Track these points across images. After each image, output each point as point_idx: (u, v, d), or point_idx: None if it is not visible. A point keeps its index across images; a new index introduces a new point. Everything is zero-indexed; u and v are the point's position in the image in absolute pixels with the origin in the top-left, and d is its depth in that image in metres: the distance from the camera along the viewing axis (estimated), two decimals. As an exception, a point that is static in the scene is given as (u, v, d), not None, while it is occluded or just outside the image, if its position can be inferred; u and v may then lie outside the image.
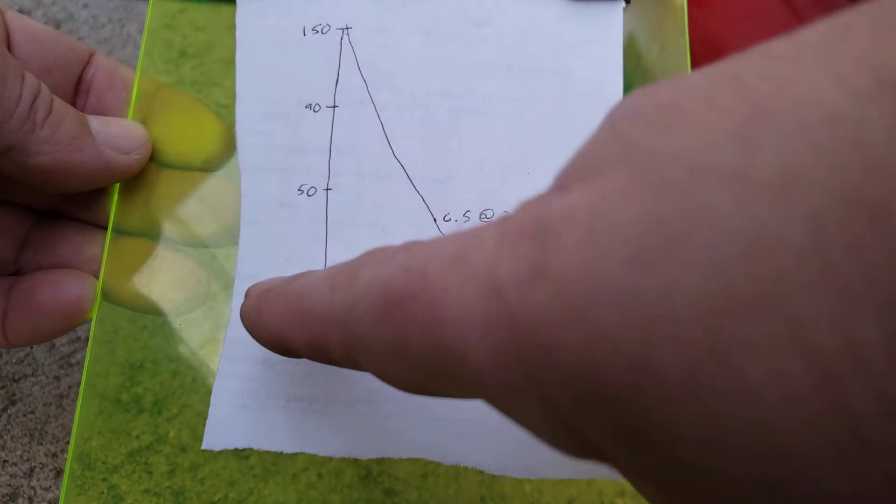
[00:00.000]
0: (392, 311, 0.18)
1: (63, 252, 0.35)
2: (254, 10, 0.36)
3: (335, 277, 0.22)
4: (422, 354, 0.18)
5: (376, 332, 0.19)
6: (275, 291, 0.26)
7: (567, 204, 0.15)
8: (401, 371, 0.20)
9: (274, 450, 0.32)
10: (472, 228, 0.18)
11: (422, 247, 0.19)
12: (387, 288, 0.19)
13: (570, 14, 0.36)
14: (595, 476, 0.32)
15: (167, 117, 0.35)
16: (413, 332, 0.18)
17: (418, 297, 0.18)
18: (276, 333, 0.25)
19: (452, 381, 0.18)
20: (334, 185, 0.34)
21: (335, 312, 0.21)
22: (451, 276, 0.17)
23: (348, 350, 0.21)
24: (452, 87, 0.35)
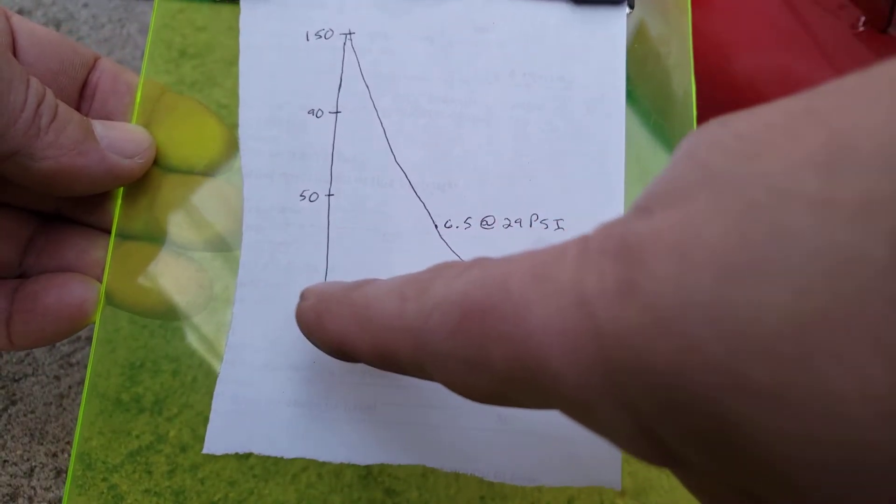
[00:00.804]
0: (470, 323, 0.20)
1: (67, 255, 0.35)
2: (257, 15, 0.36)
3: (404, 289, 0.23)
4: (502, 364, 0.19)
5: (452, 342, 0.20)
6: (335, 297, 0.27)
7: (652, 226, 0.17)
8: (476, 380, 0.20)
9: (274, 455, 0.32)
10: (548, 247, 0.19)
11: (497, 263, 0.20)
12: (464, 300, 0.20)
13: (573, 19, 0.36)
14: (594, 483, 0.32)
15: (171, 122, 0.35)
16: (493, 343, 0.19)
17: (500, 309, 0.19)
18: (339, 338, 0.26)
19: (531, 390, 0.19)
20: (336, 190, 0.34)
21: (407, 322, 0.22)
22: (533, 290, 0.18)
23: (419, 359, 0.22)
24: (455, 93, 0.35)
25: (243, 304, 0.33)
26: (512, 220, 0.34)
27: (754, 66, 0.50)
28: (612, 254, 0.17)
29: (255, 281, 0.33)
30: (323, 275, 0.33)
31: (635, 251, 0.16)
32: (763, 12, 0.50)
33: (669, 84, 0.36)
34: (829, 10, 0.47)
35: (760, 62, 0.49)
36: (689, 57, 0.36)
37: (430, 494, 0.32)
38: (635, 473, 0.32)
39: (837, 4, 0.47)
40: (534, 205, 0.34)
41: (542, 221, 0.34)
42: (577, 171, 0.34)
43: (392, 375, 0.32)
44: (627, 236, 0.17)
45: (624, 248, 0.17)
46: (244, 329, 0.33)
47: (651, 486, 0.32)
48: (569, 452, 0.32)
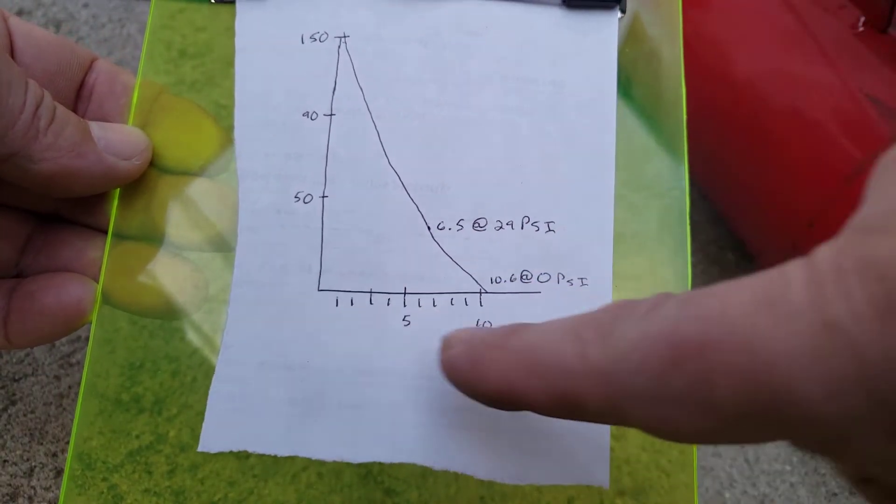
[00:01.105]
0: (685, 359, 0.19)
1: (64, 255, 0.35)
2: (253, 18, 0.36)
3: (580, 331, 0.23)
4: (729, 398, 0.19)
5: (659, 381, 0.20)
6: (490, 343, 0.26)
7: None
8: (690, 419, 0.20)
9: (269, 453, 0.32)
10: (753, 276, 0.19)
11: (699, 296, 0.20)
12: (673, 337, 0.20)
13: (564, 24, 0.36)
14: (582, 482, 0.32)
15: (167, 123, 0.35)
16: (719, 377, 0.19)
17: (724, 342, 0.18)
18: (502, 387, 0.25)
19: (766, 422, 0.19)
20: (330, 192, 0.34)
21: (593, 365, 0.22)
22: (762, 320, 0.18)
23: (614, 403, 0.21)
24: (448, 96, 0.35)
25: (238, 304, 0.34)
26: (504, 221, 0.34)
27: (754, 66, 0.50)
28: (857, 274, 0.17)
29: (251, 281, 0.34)
30: (317, 275, 0.34)
31: (889, 269, 0.16)
32: (763, 12, 0.50)
33: (660, 87, 0.36)
34: (829, 10, 0.47)
35: (760, 62, 0.49)
36: (680, 60, 0.36)
37: (429, 494, 0.32)
38: (635, 473, 0.33)
39: (837, 4, 0.47)
40: (525, 207, 0.34)
41: (534, 224, 0.34)
42: (568, 174, 0.35)
43: (385, 375, 0.33)
44: (871, 256, 0.17)
45: (871, 267, 0.17)
46: (239, 328, 0.33)
47: (651, 486, 0.33)
48: (558, 452, 0.32)
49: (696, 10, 0.54)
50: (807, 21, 0.47)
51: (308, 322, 0.33)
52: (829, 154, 0.44)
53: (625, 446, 0.33)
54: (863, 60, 0.44)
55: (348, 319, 0.33)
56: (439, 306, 0.33)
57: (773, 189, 0.49)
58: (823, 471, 0.47)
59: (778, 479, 0.46)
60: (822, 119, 0.45)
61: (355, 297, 0.33)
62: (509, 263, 0.34)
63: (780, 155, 0.48)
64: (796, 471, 0.47)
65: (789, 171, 0.47)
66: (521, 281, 0.34)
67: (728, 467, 0.46)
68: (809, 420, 0.18)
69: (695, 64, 0.53)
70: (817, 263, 0.18)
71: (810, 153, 0.45)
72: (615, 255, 0.34)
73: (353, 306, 0.33)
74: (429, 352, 0.33)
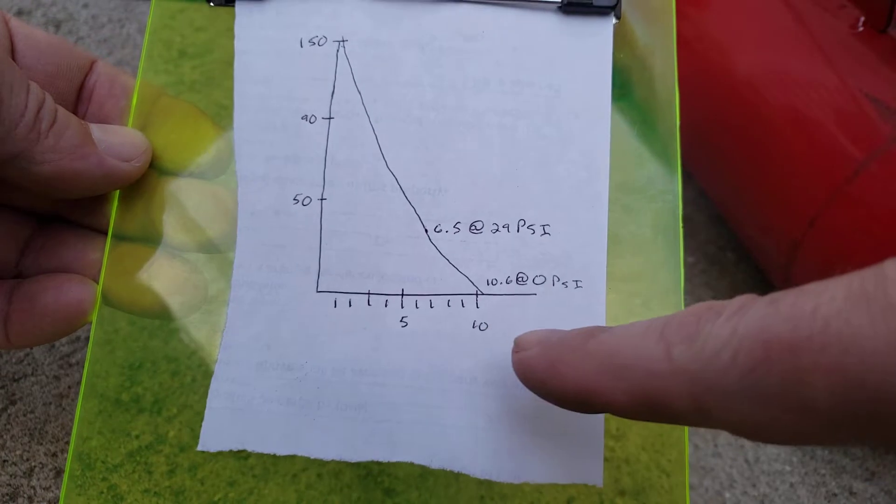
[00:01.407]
0: (776, 359, 0.19)
1: (64, 256, 0.35)
2: (252, 22, 0.36)
3: (664, 332, 0.23)
4: (825, 397, 0.18)
5: (752, 381, 0.20)
6: (568, 346, 0.26)
7: None
8: (783, 418, 0.20)
9: (268, 452, 0.32)
10: (851, 276, 0.19)
11: (788, 298, 0.20)
12: (764, 336, 0.20)
13: (561, 29, 0.36)
14: (576, 481, 0.32)
15: (167, 125, 0.36)
16: (814, 377, 0.18)
17: (817, 340, 0.18)
18: (582, 388, 0.25)
19: (862, 422, 0.19)
20: (329, 194, 0.34)
21: (681, 366, 0.22)
22: (858, 317, 0.18)
23: (702, 402, 0.21)
24: (445, 100, 0.35)
25: (237, 305, 0.34)
26: (500, 224, 0.34)
27: (754, 66, 0.50)
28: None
29: (250, 282, 0.34)
30: (315, 276, 0.34)
31: None
32: (763, 12, 0.50)
33: (654, 91, 0.36)
34: (829, 10, 0.47)
35: (760, 62, 0.49)
36: (674, 65, 0.36)
37: (429, 494, 0.32)
38: (635, 473, 0.33)
39: (837, 4, 0.47)
40: (521, 210, 0.34)
41: (530, 227, 0.34)
42: (564, 178, 0.35)
43: (382, 375, 0.33)
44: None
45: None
46: (238, 329, 0.34)
47: (651, 485, 0.33)
48: (552, 451, 0.33)
49: (696, 10, 0.54)
50: (807, 21, 0.47)
51: (307, 323, 0.33)
52: (829, 154, 0.44)
53: (625, 446, 0.33)
54: (863, 60, 0.44)
55: (346, 320, 0.33)
56: (436, 307, 0.34)
57: (773, 189, 0.49)
58: (823, 471, 0.47)
59: (778, 479, 0.46)
60: (822, 119, 0.45)
61: (353, 298, 0.34)
62: (505, 266, 0.34)
63: (780, 155, 0.48)
64: (796, 471, 0.47)
65: (789, 171, 0.47)
66: (516, 283, 0.34)
67: (728, 467, 0.46)
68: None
69: (695, 64, 0.53)
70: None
71: (810, 153, 0.45)
72: (609, 257, 0.34)
73: (352, 307, 0.34)
74: (426, 352, 0.33)
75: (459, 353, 0.33)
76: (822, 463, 0.47)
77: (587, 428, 0.33)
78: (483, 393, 0.33)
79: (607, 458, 0.33)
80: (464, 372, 0.33)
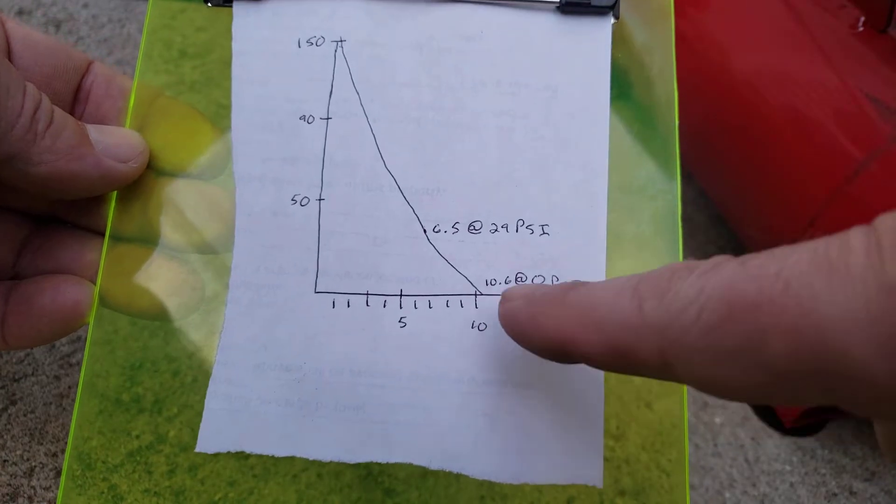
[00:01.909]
0: (740, 316, 0.20)
1: (61, 257, 0.35)
2: (250, 22, 0.36)
3: (639, 288, 0.24)
4: (781, 356, 0.19)
5: (713, 338, 0.21)
6: (549, 299, 0.28)
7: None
8: (741, 375, 0.21)
9: (265, 453, 0.32)
10: (815, 241, 0.20)
11: (757, 258, 0.21)
12: (729, 294, 0.20)
13: (559, 29, 0.36)
14: (576, 481, 0.32)
15: (164, 126, 0.36)
16: (771, 336, 0.19)
17: (778, 301, 0.19)
18: (558, 338, 0.26)
19: (814, 383, 0.19)
20: (327, 195, 0.34)
21: (650, 320, 0.23)
22: (819, 281, 0.19)
23: (667, 356, 0.22)
24: (443, 100, 0.35)
25: (235, 306, 0.34)
26: (499, 224, 0.34)
27: (754, 66, 0.50)
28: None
29: (248, 283, 0.34)
30: (314, 277, 0.34)
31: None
32: (763, 12, 0.50)
33: (653, 92, 0.36)
34: (829, 10, 0.47)
35: (760, 62, 0.49)
36: (673, 65, 0.36)
37: (429, 494, 0.32)
38: (635, 473, 0.33)
39: (837, 4, 0.46)
40: (520, 210, 0.34)
41: (528, 227, 0.34)
42: (562, 178, 0.35)
43: (381, 376, 0.33)
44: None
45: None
46: (236, 330, 0.34)
47: (651, 485, 0.33)
48: (551, 451, 0.32)
49: (696, 9, 0.54)
50: (807, 21, 0.47)
51: (305, 324, 0.33)
52: (829, 154, 0.44)
53: (625, 446, 0.33)
54: (863, 60, 0.44)
55: (345, 321, 0.33)
56: (435, 308, 0.34)
57: (773, 189, 0.49)
58: (824, 471, 0.47)
59: (778, 479, 0.46)
60: (822, 119, 0.45)
61: (352, 298, 0.34)
62: (504, 266, 0.34)
63: (780, 155, 0.48)
64: (796, 471, 0.47)
65: (789, 171, 0.47)
66: (515, 283, 0.34)
67: (728, 467, 0.46)
68: (860, 381, 0.18)
69: (695, 64, 0.53)
70: (879, 231, 0.19)
71: (810, 153, 0.45)
72: (608, 257, 0.34)
73: (350, 308, 0.34)
74: (424, 353, 0.33)
75: (458, 353, 0.33)
76: (822, 463, 0.47)
77: (587, 428, 0.33)
78: (482, 393, 0.33)
79: (607, 458, 0.33)
80: (462, 373, 0.33)
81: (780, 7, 0.49)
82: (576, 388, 0.33)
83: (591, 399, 0.33)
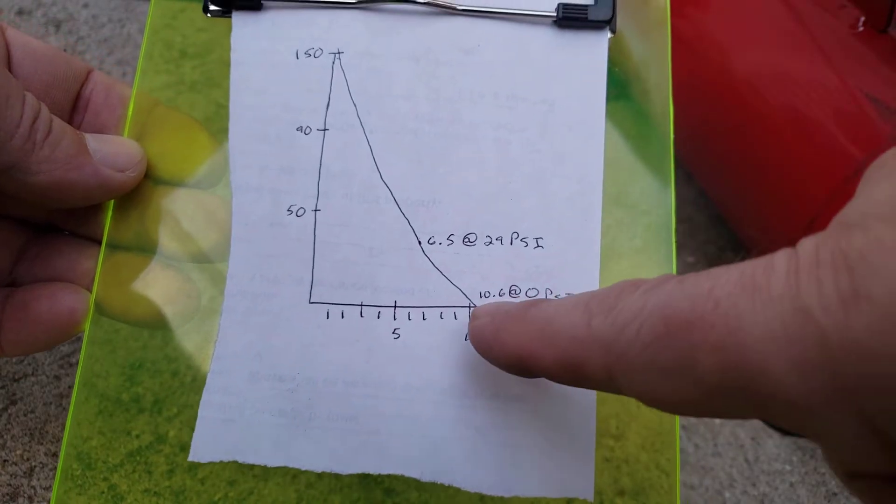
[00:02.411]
0: (674, 333, 0.21)
1: (58, 265, 0.35)
2: (248, 33, 0.36)
3: (590, 304, 0.24)
4: (710, 372, 0.20)
5: (651, 353, 0.21)
6: (511, 315, 0.28)
7: (872, 238, 0.18)
8: (675, 390, 0.21)
9: (258, 463, 0.32)
10: (747, 262, 0.20)
11: (694, 278, 0.21)
12: (665, 311, 0.21)
13: (556, 43, 0.36)
14: (567, 494, 0.32)
15: (162, 135, 0.36)
16: (701, 352, 0.20)
17: (708, 319, 0.20)
18: (519, 353, 0.27)
19: (740, 398, 0.20)
20: (323, 206, 0.34)
21: (597, 335, 0.23)
22: (744, 301, 0.19)
23: (610, 370, 0.23)
24: (440, 112, 0.35)
25: (231, 315, 0.34)
26: (493, 237, 0.34)
27: (754, 66, 0.50)
28: (829, 265, 0.18)
29: (243, 292, 0.34)
30: (308, 287, 0.34)
31: (857, 262, 0.17)
32: (763, 12, 0.50)
33: (648, 106, 0.36)
34: (829, 10, 0.47)
35: (760, 62, 0.49)
36: (668, 78, 0.36)
37: (429, 494, 0.32)
38: (635, 473, 0.33)
39: (837, 4, 0.46)
40: (515, 223, 0.35)
41: (523, 239, 0.34)
42: (557, 191, 0.35)
43: (374, 387, 0.33)
44: (845, 248, 0.18)
45: (843, 259, 0.18)
46: (231, 339, 0.34)
47: (651, 485, 0.33)
48: (543, 464, 0.33)
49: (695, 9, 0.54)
50: (807, 21, 0.47)
51: (299, 334, 0.34)
52: (829, 154, 0.44)
53: (625, 446, 0.33)
54: (863, 60, 0.44)
55: (339, 332, 0.34)
56: (429, 320, 0.34)
57: (773, 189, 0.49)
58: (823, 470, 0.47)
59: (778, 479, 0.46)
60: (822, 119, 0.45)
61: (346, 309, 0.34)
62: (498, 278, 0.34)
63: (780, 155, 0.47)
64: (796, 471, 0.47)
65: (789, 171, 0.47)
66: (509, 295, 0.34)
67: (728, 467, 0.46)
68: (779, 399, 0.19)
69: (695, 64, 0.53)
70: (800, 254, 0.19)
71: (810, 153, 0.45)
72: (602, 270, 0.34)
73: (344, 319, 0.34)
74: (418, 364, 0.33)
75: (451, 365, 0.33)
76: (822, 462, 0.47)
77: (578, 442, 0.33)
78: (474, 406, 0.33)
79: (607, 458, 0.33)
80: (455, 384, 0.33)
81: (780, 7, 0.48)
82: (567, 401, 0.33)
83: (582, 413, 0.33)
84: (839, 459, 0.21)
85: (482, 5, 0.36)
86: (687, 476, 0.46)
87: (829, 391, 0.18)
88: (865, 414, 0.18)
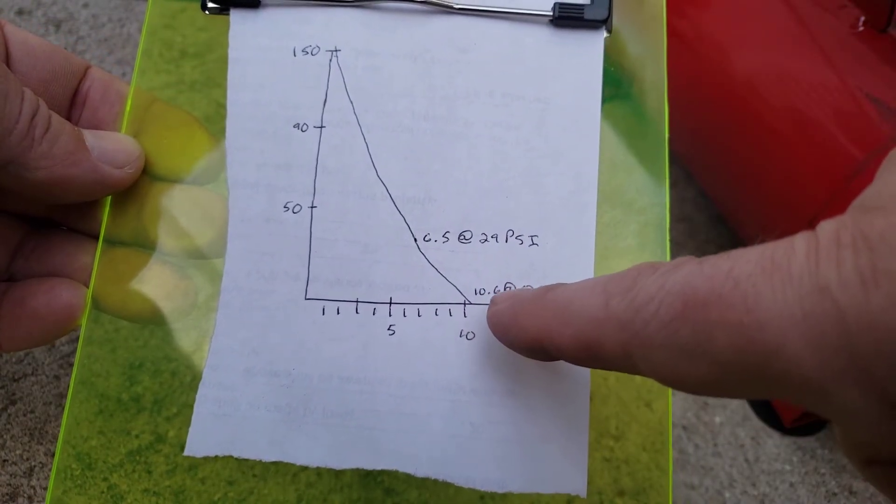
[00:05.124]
0: (692, 312, 0.21)
1: (55, 260, 0.35)
2: (247, 30, 0.36)
3: (607, 286, 0.25)
4: (727, 351, 0.20)
5: (668, 332, 0.22)
6: (529, 299, 0.29)
7: (893, 220, 0.18)
8: (692, 368, 0.22)
9: (253, 458, 0.32)
10: (767, 244, 0.21)
11: (713, 259, 0.22)
12: (685, 290, 0.21)
13: (552, 42, 0.36)
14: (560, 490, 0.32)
15: (159, 131, 0.36)
16: (719, 331, 0.20)
17: (726, 298, 0.20)
18: (538, 335, 0.28)
19: (756, 377, 0.20)
20: (319, 202, 0.35)
21: (615, 315, 0.24)
22: (763, 281, 0.19)
23: (628, 349, 0.23)
24: (436, 110, 0.35)
25: (227, 311, 0.34)
26: (489, 234, 0.34)
27: (754, 66, 0.50)
28: (850, 246, 0.18)
29: (239, 288, 0.34)
30: (304, 284, 0.34)
31: (878, 243, 0.18)
32: (763, 12, 0.50)
33: (644, 105, 0.36)
34: (829, 10, 0.47)
35: (760, 62, 0.49)
36: (664, 78, 0.36)
37: (429, 494, 0.33)
38: (635, 473, 0.33)
39: (837, 4, 0.46)
40: (510, 221, 0.35)
41: (518, 237, 0.34)
42: (552, 190, 0.35)
43: (369, 383, 0.33)
44: (866, 230, 0.18)
45: (863, 240, 0.18)
46: (227, 335, 0.34)
47: (651, 485, 0.33)
48: (537, 460, 0.33)
49: (695, 10, 0.54)
50: (807, 21, 0.47)
51: (295, 330, 0.34)
52: (829, 154, 0.44)
53: (625, 446, 0.33)
54: (863, 60, 0.44)
55: (334, 328, 0.34)
56: (424, 316, 0.34)
57: (773, 189, 0.49)
58: (823, 470, 0.47)
59: (778, 479, 0.46)
60: (822, 119, 0.45)
61: (342, 305, 0.34)
62: (493, 276, 0.34)
63: (781, 155, 0.48)
64: (796, 471, 0.47)
65: (789, 171, 0.47)
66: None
67: (728, 467, 0.46)
68: (796, 376, 0.19)
69: (695, 64, 0.53)
70: (820, 236, 0.19)
71: (810, 153, 0.45)
72: (596, 268, 0.34)
73: (340, 315, 0.34)
74: (413, 360, 0.33)
75: (446, 361, 0.33)
76: (822, 462, 0.47)
77: (572, 438, 0.33)
78: (469, 402, 0.33)
79: (607, 458, 0.33)
80: (450, 381, 0.33)
81: (780, 7, 0.49)
82: (562, 398, 0.33)
83: (576, 409, 0.33)
84: (856, 443, 0.22)
85: (479, 4, 0.36)
86: (687, 476, 0.46)
87: (848, 371, 0.18)
88: (887, 394, 0.18)
